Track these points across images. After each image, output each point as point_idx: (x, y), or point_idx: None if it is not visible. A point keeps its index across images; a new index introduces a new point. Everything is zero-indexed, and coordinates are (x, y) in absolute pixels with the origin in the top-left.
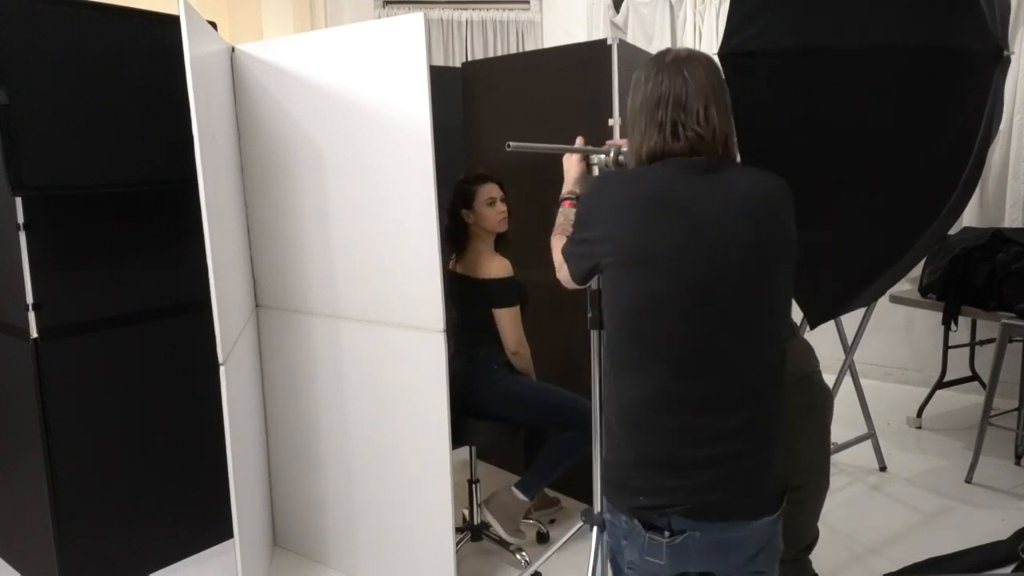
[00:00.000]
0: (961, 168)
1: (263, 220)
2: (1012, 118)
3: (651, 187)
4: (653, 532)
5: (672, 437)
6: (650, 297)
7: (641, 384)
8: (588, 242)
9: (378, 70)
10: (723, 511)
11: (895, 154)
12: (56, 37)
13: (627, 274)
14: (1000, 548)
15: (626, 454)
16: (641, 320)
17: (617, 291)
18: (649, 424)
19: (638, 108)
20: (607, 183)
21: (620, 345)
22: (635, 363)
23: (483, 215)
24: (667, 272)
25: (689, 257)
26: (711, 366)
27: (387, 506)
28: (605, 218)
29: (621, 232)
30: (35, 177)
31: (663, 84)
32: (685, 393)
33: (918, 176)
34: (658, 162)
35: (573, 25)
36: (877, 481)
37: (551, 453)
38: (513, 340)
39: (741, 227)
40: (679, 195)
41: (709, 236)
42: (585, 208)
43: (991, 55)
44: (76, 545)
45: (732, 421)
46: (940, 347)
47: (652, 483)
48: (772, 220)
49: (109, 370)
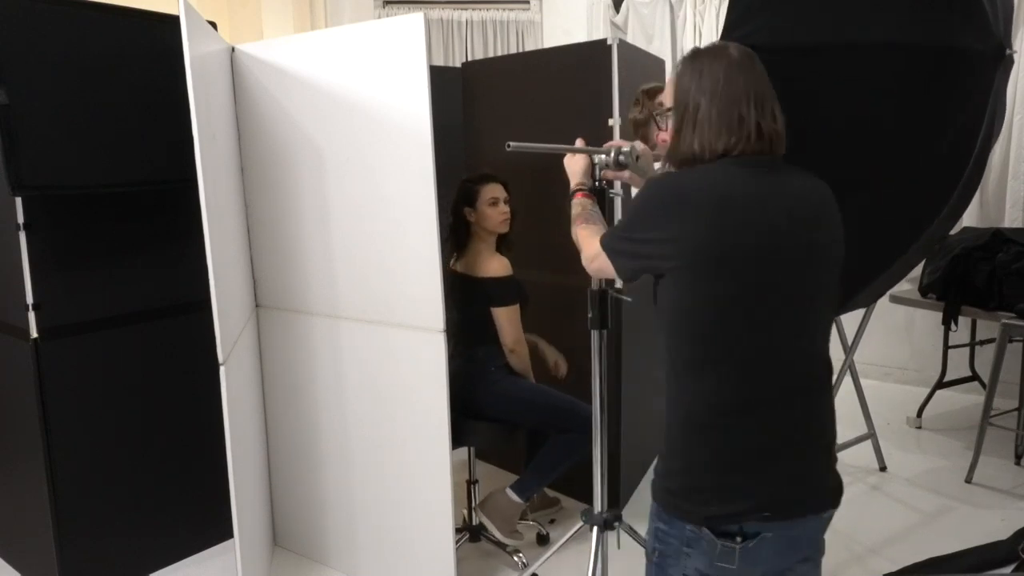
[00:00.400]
0: (961, 169)
1: (263, 220)
2: (1012, 118)
3: (726, 187)
4: (725, 539)
5: (747, 439)
6: (728, 298)
7: (714, 387)
8: (648, 242)
9: (378, 70)
10: (796, 509)
11: (894, 154)
12: (56, 37)
13: (702, 275)
14: (1000, 548)
15: (695, 460)
16: (717, 321)
17: (687, 293)
18: (723, 427)
19: (708, 101)
20: (674, 183)
21: (690, 347)
22: (707, 365)
23: (485, 215)
24: (747, 273)
25: (769, 258)
26: (784, 365)
27: (387, 506)
28: (673, 219)
29: (697, 233)
30: (35, 177)
31: (740, 81)
32: (760, 393)
33: (918, 176)
34: (723, 160)
35: (573, 25)
36: (877, 481)
37: (548, 455)
38: (511, 338)
39: (811, 227)
40: (754, 195)
41: (786, 236)
42: (646, 207)
43: (993, 54)
44: (76, 545)
45: (801, 419)
46: (940, 347)
47: (727, 488)
48: (833, 221)
49: (109, 370)
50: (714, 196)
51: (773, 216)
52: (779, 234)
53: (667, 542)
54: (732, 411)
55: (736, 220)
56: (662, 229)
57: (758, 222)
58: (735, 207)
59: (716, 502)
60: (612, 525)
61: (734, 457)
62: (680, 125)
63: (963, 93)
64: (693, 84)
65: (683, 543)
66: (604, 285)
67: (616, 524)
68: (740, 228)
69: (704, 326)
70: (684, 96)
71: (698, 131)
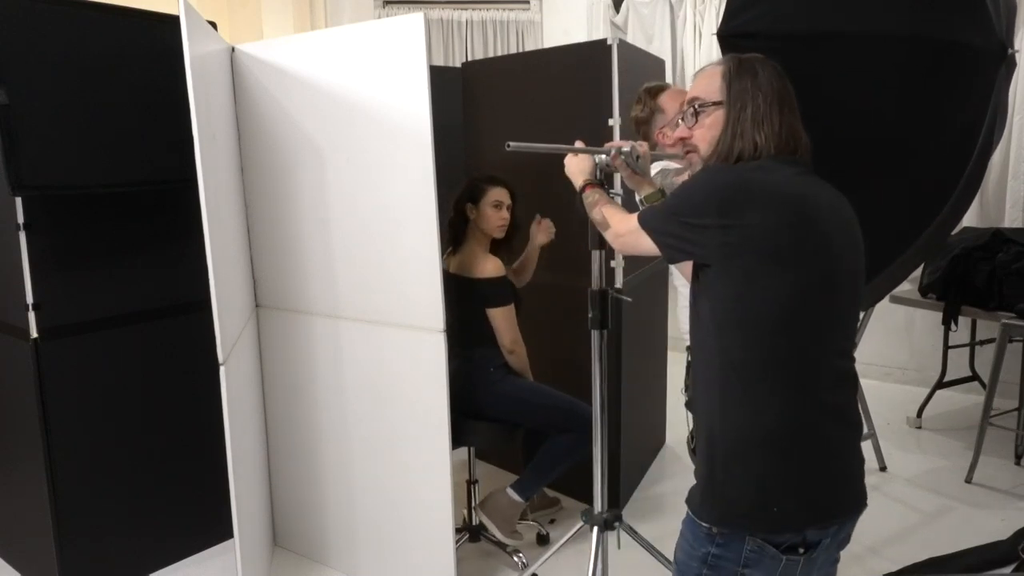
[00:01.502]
0: (961, 169)
1: (263, 220)
2: (1012, 118)
3: (782, 180)
4: (790, 553)
5: (816, 444)
6: (793, 294)
7: (783, 391)
8: (708, 228)
9: (378, 70)
10: (852, 509)
11: (894, 149)
12: (56, 37)
13: (773, 269)
14: (1000, 548)
15: (766, 472)
16: (782, 318)
17: (750, 286)
18: (794, 433)
19: (766, 102)
20: (740, 174)
21: (756, 346)
22: (773, 367)
23: (485, 215)
24: (811, 269)
25: (828, 256)
26: (840, 364)
27: (387, 506)
28: (743, 207)
29: (763, 222)
30: (35, 177)
31: (788, 87)
32: (825, 396)
33: (917, 175)
34: (770, 159)
35: (573, 25)
36: (877, 481)
37: (548, 455)
38: (509, 339)
39: (851, 223)
40: (804, 190)
41: (841, 235)
42: (709, 193)
43: (995, 53)
44: (76, 545)
45: (851, 418)
46: (940, 347)
47: (800, 495)
48: (856, 220)
49: (109, 370)
50: (778, 190)
51: (828, 216)
52: (836, 233)
53: (719, 567)
54: (803, 416)
55: (798, 215)
56: (727, 217)
57: (815, 218)
58: (796, 202)
59: (786, 509)
60: (612, 525)
61: (806, 464)
62: (736, 122)
63: (964, 90)
64: (749, 83)
65: (740, 564)
66: (604, 285)
67: (616, 524)
68: (802, 222)
69: (769, 323)
70: (742, 95)
71: (756, 129)
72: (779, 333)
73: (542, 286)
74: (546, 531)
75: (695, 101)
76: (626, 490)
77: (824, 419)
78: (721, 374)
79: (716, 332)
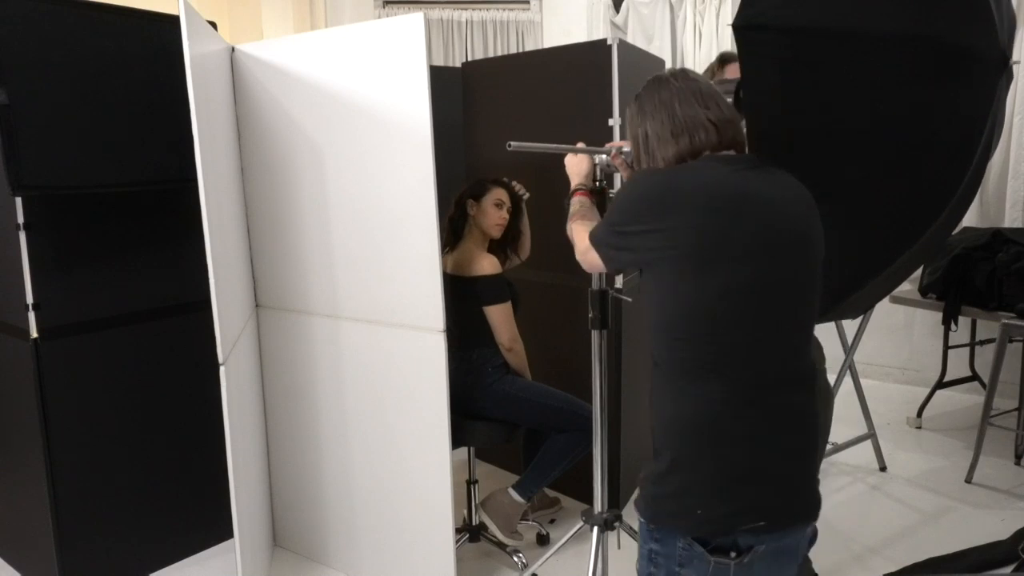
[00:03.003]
0: (960, 174)
1: (263, 220)
2: (1012, 118)
3: (714, 182)
4: (719, 555)
5: (740, 443)
6: (718, 293)
7: (705, 387)
8: (637, 234)
9: (378, 70)
10: (789, 518)
11: (895, 152)
12: (56, 37)
13: (692, 268)
14: (1000, 548)
15: (693, 472)
16: (707, 318)
17: (677, 287)
18: (716, 430)
19: (649, 129)
20: (662, 177)
21: (680, 345)
22: (698, 364)
23: (487, 212)
24: (737, 267)
25: (758, 252)
26: (777, 364)
27: (387, 506)
28: (664, 211)
29: (692, 226)
30: (35, 177)
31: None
32: (753, 395)
33: (917, 178)
34: (704, 157)
35: (573, 25)
36: (877, 481)
37: (548, 455)
38: (507, 337)
39: (792, 220)
40: (740, 187)
41: (769, 229)
42: (635, 200)
43: (997, 60)
44: (76, 545)
45: (793, 422)
46: (940, 347)
47: (720, 494)
48: (812, 214)
49: (109, 370)
50: (703, 189)
51: (761, 211)
52: (769, 230)
53: (660, 564)
54: (724, 413)
55: (726, 214)
56: (651, 221)
57: (747, 216)
58: (724, 201)
59: (708, 509)
60: (612, 525)
61: (726, 462)
62: (639, 156)
63: (967, 95)
64: (637, 117)
65: (676, 563)
66: (604, 285)
67: (616, 524)
68: (729, 222)
69: (694, 323)
70: (634, 131)
71: (652, 152)
72: (704, 335)
73: (542, 286)
74: (546, 531)
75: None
76: (626, 490)
77: (756, 423)
78: (654, 373)
79: (652, 334)
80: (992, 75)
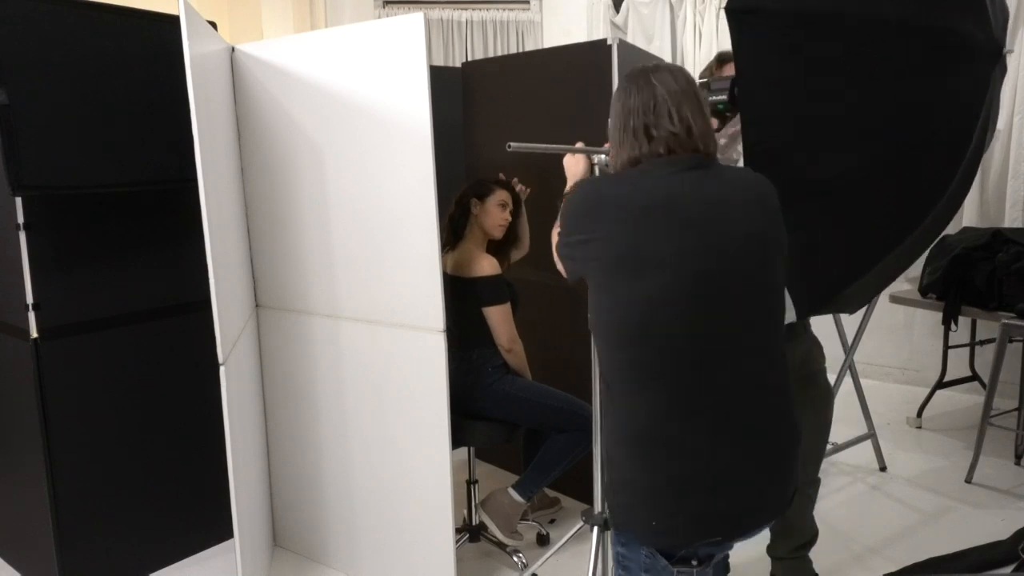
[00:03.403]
0: (953, 170)
1: (263, 220)
2: (1012, 118)
3: (642, 187)
4: (681, 565)
5: (699, 456)
6: (655, 299)
7: (658, 399)
8: (576, 245)
9: (378, 70)
10: (745, 528)
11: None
12: (56, 37)
13: (623, 278)
14: (1000, 548)
15: (643, 484)
16: (642, 325)
17: (611, 296)
18: (672, 445)
19: (613, 125)
20: (594, 185)
21: (620, 356)
22: (647, 375)
23: (490, 212)
24: (671, 271)
25: (691, 254)
26: (732, 368)
27: (387, 506)
28: (595, 220)
29: (616, 234)
30: (35, 177)
31: (632, 96)
32: (710, 403)
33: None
34: (642, 164)
35: (573, 25)
36: (877, 481)
37: (548, 455)
38: (506, 338)
39: (738, 220)
40: (672, 193)
41: (708, 231)
42: (572, 211)
43: (990, 50)
44: (76, 545)
45: (751, 429)
46: (940, 347)
47: (676, 514)
48: (767, 211)
49: (109, 370)
50: (626, 198)
51: (698, 212)
52: (707, 228)
53: (628, 568)
54: (669, 423)
55: (658, 218)
56: (584, 232)
57: (682, 219)
58: (648, 208)
59: (662, 521)
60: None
61: (675, 473)
62: (616, 144)
63: (962, 84)
64: (618, 107)
65: (642, 568)
66: None
67: None
68: (663, 226)
69: (628, 331)
70: (615, 118)
71: (613, 154)
72: (639, 343)
73: (542, 286)
74: (546, 531)
75: None
76: None
77: (704, 431)
78: (600, 384)
79: (594, 341)
80: (986, 65)
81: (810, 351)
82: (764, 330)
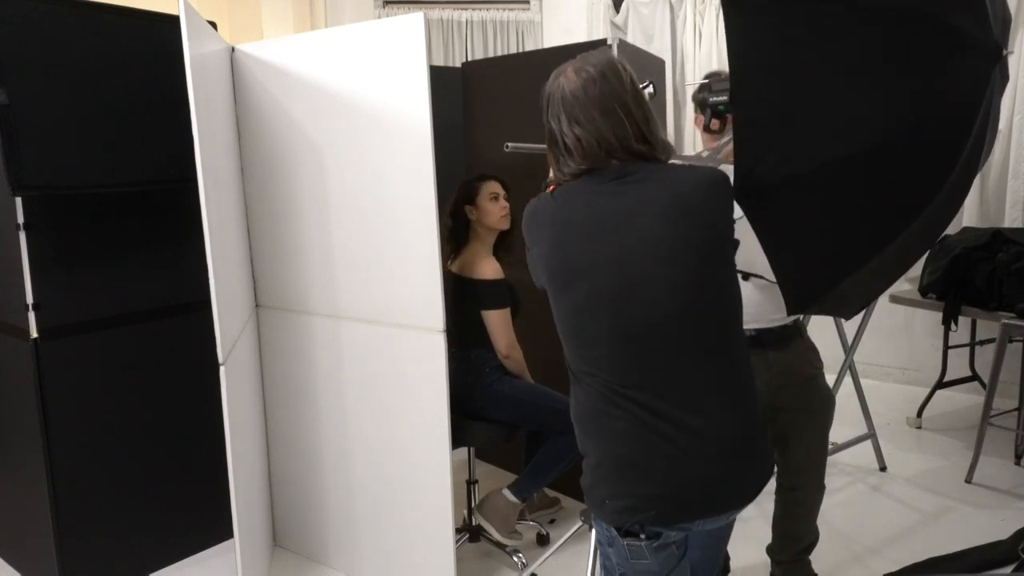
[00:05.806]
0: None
1: (263, 220)
2: (1012, 118)
3: (568, 202)
4: (629, 537)
5: (629, 443)
6: (578, 308)
7: (594, 391)
8: (530, 255)
9: (378, 70)
10: (682, 513)
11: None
12: (56, 37)
13: (557, 289)
14: (1000, 548)
15: (596, 464)
16: (576, 329)
17: (555, 302)
18: (607, 430)
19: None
20: (533, 205)
21: (567, 350)
22: (583, 372)
23: (486, 210)
24: (589, 283)
25: (604, 266)
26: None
27: (387, 506)
28: (535, 234)
29: (547, 251)
30: (35, 177)
31: (545, 111)
32: (634, 397)
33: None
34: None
35: (573, 25)
36: (877, 481)
37: (546, 456)
38: (504, 343)
39: (646, 227)
40: (591, 206)
41: (614, 242)
42: (524, 223)
43: (989, 48)
44: (76, 545)
45: (692, 420)
46: (940, 347)
47: (621, 494)
48: (689, 211)
49: (109, 370)
50: (553, 214)
51: (615, 224)
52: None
53: (600, 545)
54: (604, 410)
55: (574, 234)
56: (532, 243)
57: (593, 232)
58: (569, 222)
59: (613, 499)
60: None
61: (613, 455)
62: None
63: (961, 80)
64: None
65: (607, 543)
66: None
67: None
68: (577, 240)
69: (565, 336)
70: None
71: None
72: (574, 347)
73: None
74: (546, 531)
75: None
76: None
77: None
78: None
79: None
80: (985, 64)
81: (804, 355)
82: (702, 326)
